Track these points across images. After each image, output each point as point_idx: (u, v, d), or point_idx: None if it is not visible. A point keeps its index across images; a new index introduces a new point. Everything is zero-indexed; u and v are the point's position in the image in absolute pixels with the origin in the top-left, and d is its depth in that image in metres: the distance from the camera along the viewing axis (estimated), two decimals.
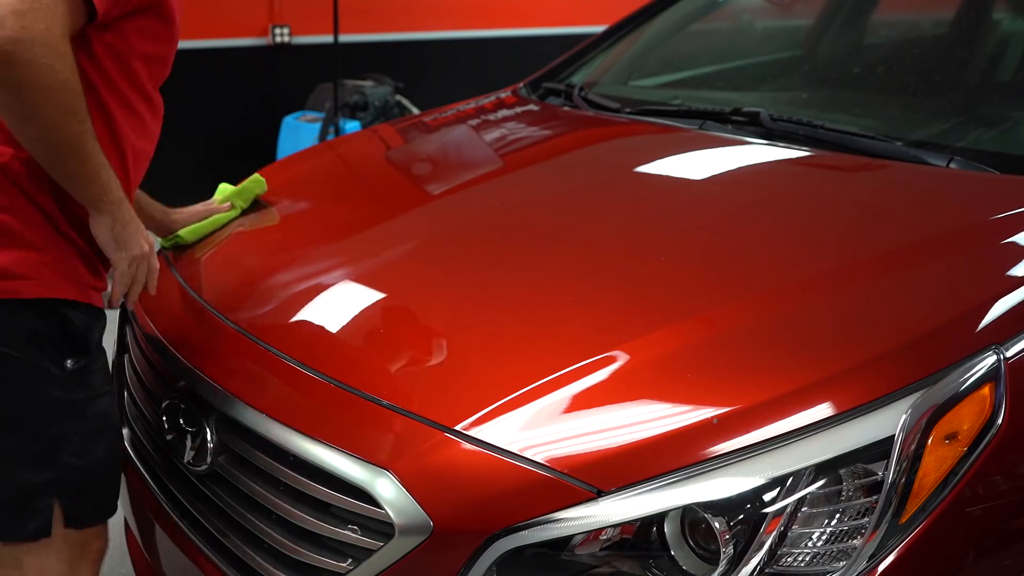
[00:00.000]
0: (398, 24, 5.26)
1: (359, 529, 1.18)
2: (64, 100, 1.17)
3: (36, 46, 1.11)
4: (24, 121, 1.18)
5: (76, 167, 1.23)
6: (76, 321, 1.31)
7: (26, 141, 1.21)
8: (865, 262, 1.38)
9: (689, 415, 1.12)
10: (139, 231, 1.36)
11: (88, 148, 1.22)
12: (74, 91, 1.18)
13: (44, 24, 1.12)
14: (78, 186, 1.26)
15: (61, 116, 1.17)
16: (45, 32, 1.12)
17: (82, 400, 1.32)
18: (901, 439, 1.08)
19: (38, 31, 1.11)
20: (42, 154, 1.22)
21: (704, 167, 1.83)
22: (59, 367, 1.29)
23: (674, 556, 1.09)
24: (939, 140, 1.85)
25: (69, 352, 1.31)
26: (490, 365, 1.26)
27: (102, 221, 1.30)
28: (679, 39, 2.69)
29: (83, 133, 1.21)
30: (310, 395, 1.30)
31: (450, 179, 1.96)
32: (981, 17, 2.44)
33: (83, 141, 1.21)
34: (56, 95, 1.15)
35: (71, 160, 1.22)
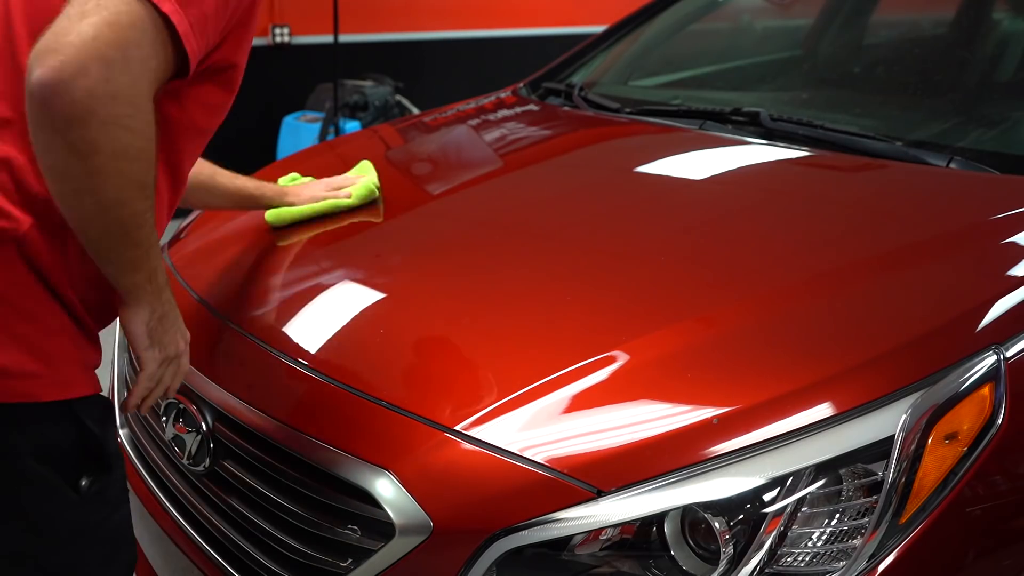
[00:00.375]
0: (398, 24, 5.26)
1: (359, 529, 1.18)
2: (136, 171, 0.95)
3: (120, 103, 0.90)
4: (82, 192, 0.94)
5: (129, 250, 1.01)
6: (92, 424, 1.10)
7: (76, 217, 0.97)
8: (865, 262, 1.38)
9: (689, 415, 1.12)
10: (176, 325, 1.16)
11: (147, 229, 1.01)
12: (148, 160, 0.96)
13: (132, 78, 0.91)
14: (122, 272, 1.04)
15: (129, 190, 0.95)
16: (131, 87, 0.91)
17: (99, 521, 1.13)
18: (901, 439, 1.08)
19: (124, 85, 0.91)
20: (93, 233, 0.98)
21: (704, 167, 1.83)
22: (74, 487, 1.08)
23: (674, 556, 1.09)
24: (939, 140, 1.85)
25: (86, 468, 1.10)
26: (490, 365, 1.26)
27: (138, 313, 1.09)
28: (679, 39, 2.69)
29: (146, 211, 0.99)
30: (310, 395, 1.30)
31: (450, 179, 1.96)
32: (981, 17, 2.44)
33: (143, 221, 0.99)
34: (130, 164, 0.94)
35: (125, 242, 1.00)
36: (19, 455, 1.03)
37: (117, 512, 1.17)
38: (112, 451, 1.14)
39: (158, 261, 1.07)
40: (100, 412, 1.12)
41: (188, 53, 0.97)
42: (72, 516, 1.09)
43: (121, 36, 0.90)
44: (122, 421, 1.68)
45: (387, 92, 4.73)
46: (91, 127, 0.89)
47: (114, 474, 1.15)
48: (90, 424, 1.09)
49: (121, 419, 1.68)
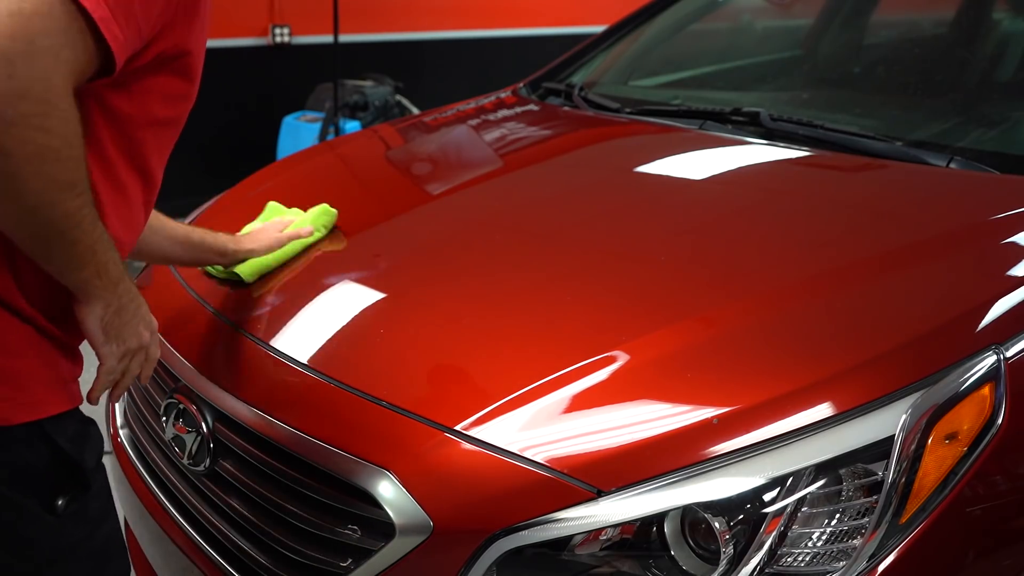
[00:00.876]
0: (398, 24, 5.26)
1: (359, 529, 1.18)
2: (59, 172, 0.88)
3: (28, 102, 0.83)
4: (4, 198, 0.87)
5: (66, 249, 0.94)
6: (66, 443, 1.05)
7: (5, 222, 0.91)
8: (865, 262, 1.38)
9: (689, 415, 1.12)
10: (137, 316, 1.10)
11: (85, 226, 0.94)
12: (73, 158, 0.89)
13: (41, 72, 0.83)
14: (66, 271, 0.98)
15: (54, 191, 0.89)
16: (41, 83, 0.83)
17: (79, 540, 1.09)
18: (901, 439, 1.08)
19: (31, 81, 0.82)
20: (23, 237, 0.93)
21: (704, 167, 1.83)
22: (49, 509, 1.03)
23: (674, 556, 1.09)
24: (939, 140, 1.85)
25: (61, 488, 1.05)
26: (490, 365, 1.27)
27: (91, 309, 1.03)
28: (679, 39, 2.70)
29: (80, 208, 0.92)
30: (310, 395, 1.30)
31: (450, 179, 1.96)
32: (981, 17, 2.44)
33: (79, 219, 0.93)
34: (47, 165, 0.86)
35: (61, 242, 0.93)
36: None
37: (100, 527, 1.13)
38: (90, 467, 1.09)
39: (107, 255, 1.00)
40: (75, 428, 1.08)
41: (109, 41, 0.88)
42: (51, 537, 1.05)
43: (24, 26, 0.82)
44: (122, 422, 1.68)
45: (387, 92, 4.73)
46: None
47: (93, 490, 1.10)
48: (62, 443, 1.05)
49: (121, 420, 1.68)
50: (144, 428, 1.58)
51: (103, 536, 1.14)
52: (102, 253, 0.99)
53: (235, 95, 4.72)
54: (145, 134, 1.06)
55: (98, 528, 1.13)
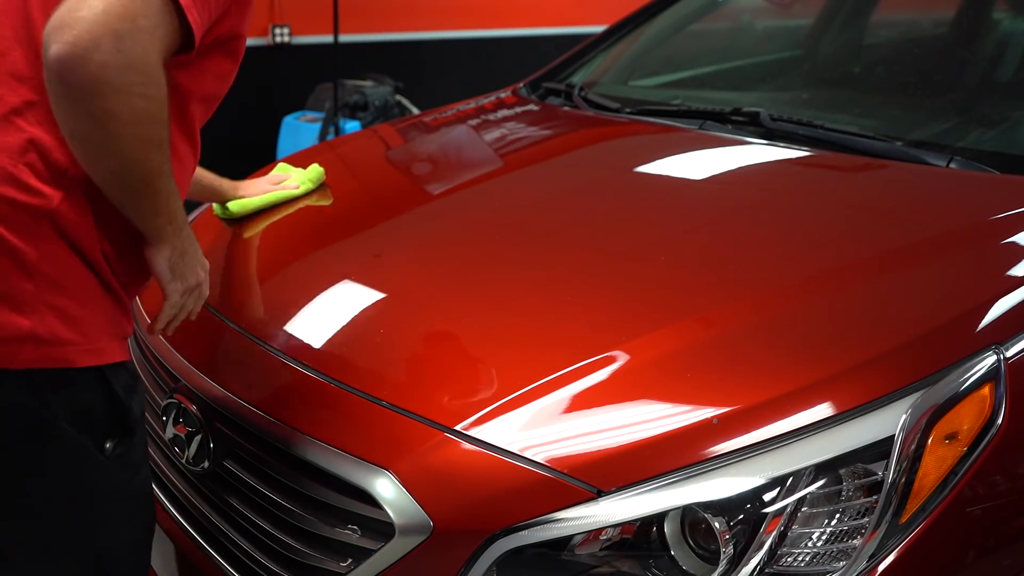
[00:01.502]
0: (398, 24, 5.26)
1: (359, 529, 1.18)
2: (151, 132, 1.03)
3: (132, 72, 0.96)
4: (104, 154, 1.02)
5: (151, 199, 1.09)
6: (120, 389, 1.16)
7: (100, 176, 1.05)
8: (865, 262, 1.38)
9: (689, 415, 1.12)
10: (196, 258, 1.24)
11: (163, 180, 1.08)
12: (163, 121, 1.04)
13: (143, 47, 0.97)
14: (146, 218, 1.12)
15: (146, 148, 1.03)
16: (143, 57, 0.97)
17: (123, 482, 1.19)
18: (901, 439, 1.08)
19: (136, 55, 0.96)
20: (117, 188, 1.07)
21: (704, 167, 1.83)
22: (100, 450, 1.15)
23: (674, 556, 1.09)
24: (939, 140, 1.85)
25: (112, 432, 1.16)
26: (490, 365, 1.27)
27: (160, 251, 1.16)
28: (679, 39, 2.69)
29: (163, 164, 1.07)
30: (310, 395, 1.30)
31: (450, 179, 1.96)
32: (981, 17, 2.44)
33: (162, 172, 1.08)
34: (145, 127, 1.01)
35: (146, 193, 1.08)
36: (55, 418, 1.10)
37: (139, 473, 1.23)
38: (136, 416, 1.20)
39: (177, 204, 1.14)
40: (127, 379, 1.18)
41: (191, 23, 1.03)
42: (98, 477, 1.16)
43: (129, 7, 0.96)
44: None
45: (387, 92, 4.73)
46: (107, 97, 0.96)
47: (136, 438, 1.21)
48: (118, 390, 1.16)
49: None
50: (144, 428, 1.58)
51: (140, 483, 1.24)
52: (174, 203, 1.14)
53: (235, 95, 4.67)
54: (196, 107, 1.21)
55: (137, 474, 1.23)
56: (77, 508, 1.16)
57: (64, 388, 1.10)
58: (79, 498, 1.15)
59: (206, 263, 1.28)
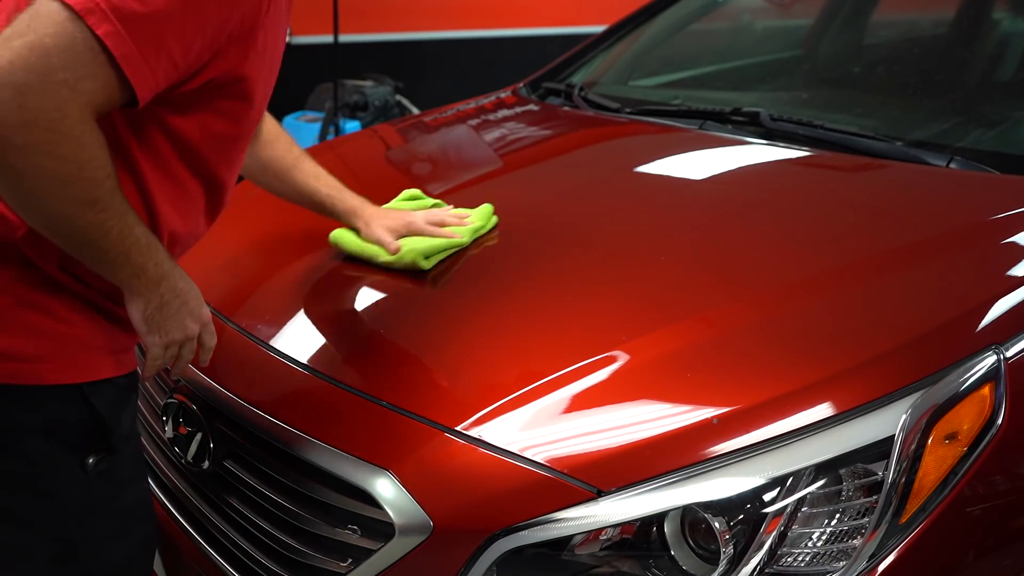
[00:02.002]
0: (398, 24, 5.26)
1: (359, 529, 1.18)
2: (73, 192, 0.93)
3: (37, 130, 0.87)
4: (28, 211, 0.96)
5: (98, 255, 1.01)
6: (103, 406, 1.11)
7: (35, 227, 0.99)
8: (865, 262, 1.38)
9: (689, 415, 1.12)
10: (184, 309, 1.13)
11: (111, 237, 0.99)
12: (88, 180, 0.94)
13: (53, 103, 0.87)
14: (103, 272, 1.05)
15: (71, 207, 0.94)
16: (52, 114, 0.88)
17: (107, 499, 1.15)
18: (901, 439, 1.08)
19: (43, 112, 0.87)
20: (57, 240, 1.00)
21: (704, 167, 1.83)
22: (80, 466, 1.11)
23: (674, 556, 1.09)
24: (939, 140, 1.85)
25: (93, 447, 1.12)
26: (490, 365, 1.26)
27: (134, 303, 1.09)
28: (679, 39, 2.70)
29: (104, 222, 0.97)
30: (310, 395, 1.30)
31: (449, 179, 1.96)
32: (981, 17, 2.44)
33: (105, 230, 0.98)
34: (61, 185, 0.92)
35: (90, 249, 1.00)
36: (26, 433, 1.07)
37: (128, 491, 1.19)
38: (123, 433, 1.16)
39: (143, 258, 1.04)
40: (114, 395, 1.14)
41: (130, 77, 0.91)
42: (80, 491, 1.12)
43: (42, 60, 0.86)
44: None
45: (387, 92, 4.73)
46: (7, 155, 0.88)
47: (121, 455, 1.16)
48: (99, 407, 1.11)
49: None
50: (144, 428, 1.58)
51: (131, 499, 1.20)
52: (137, 257, 1.03)
53: None
54: (210, 151, 1.12)
55: (125, 491, 1.18)
56: (58, 522, 1.12)
57: (36, 403, 1.06)
58: (58, 512, 1.11)
59: (203, 314, 1.18)
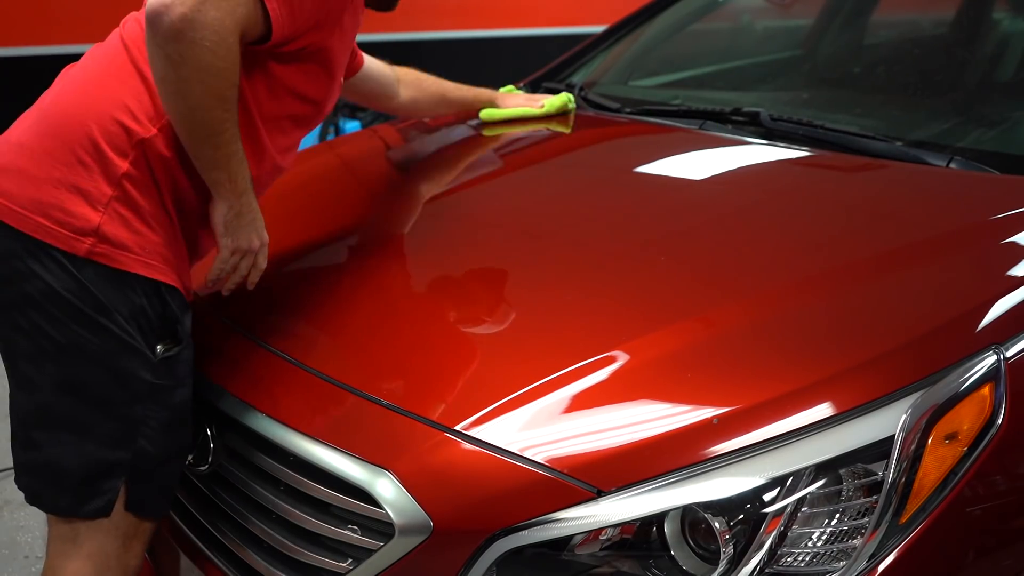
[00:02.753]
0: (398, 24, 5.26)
1: (359, 529, 1.18)
2: (216, 85, 1.21)
3: (206, 29, 1.17)
4: (176, 95, 1.22)
5: (211, 150, 1.26)
6: (176, 307, 1.32)
7: (172, 115, 1.25)
8: (865, 262, 1.38)
9: (689, 415, 1.12)
10: (253, 225, 1.37)
11: (226, 136, 1.26)
12: (228, 80, 1.22)
13: (220, 13, 1.17)
14: (208, 168, 1.28)
15: (210, 99, 1.21)
16: (217, 20, 1.17)
17: (167, 387, 1.31)
18: (901, 439, 1.08)
19: (212, 17, 1.17)
20: (184, 130, 1.25)
21: (704, 167, 1.83)
22: (152, 350, 1.29)
23: (674, 556, 1.09)
24: (939, 140, 1.85)
25: (163, 337, 1.32)
26: (490, 365, 1.27)
27: (219, 206, 1.33)
28: (679, 39, 2.70)
29: (225, 120, 1.24)
30: (310, 395, 1.30)
31: (449, 179, 1.96)
32: (981, 17, 2.44)
33: (223, 128, 1.25)
34: (211, 78, 1.20)
35: (208, 142, 1.25)
36: (115, 311, 1.25)
37: (182, 387, 1.34)
38: (186, 333, 1.35)
39: (239, 168, 1.30)
40: (181, 301, 1.35)
41: (270, 13, 1.23)
42: (147, 375, 1.29)
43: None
44: None
45: None
46: (182, 43, 1.16)
47: (183, 351, 1.34)
48: (173, 305, 1.32)
49: None
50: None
51: (180, 398, 1.35)
52: (236, 164, 1.30)
53: None
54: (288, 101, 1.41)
55: (180, 386, 1.34)
56: (125, 401, 1.28)
57: (124, 287, 1.26)
58: (128, 391, 1.28)
59: (265, 236, 1.40)
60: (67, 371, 1.26)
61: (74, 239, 1.23)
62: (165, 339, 1.32)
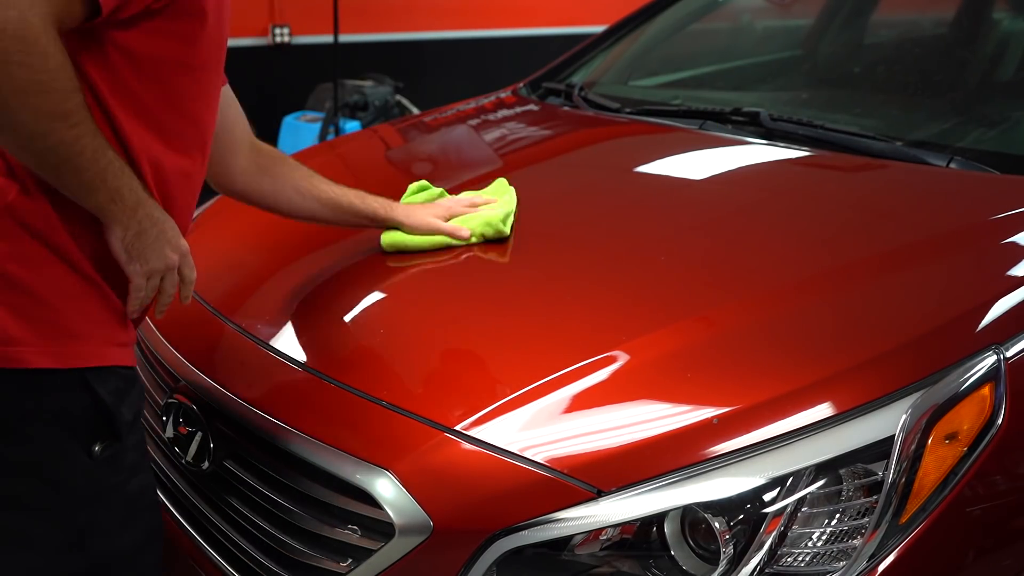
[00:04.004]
0: (398, 24, 5.26)
1: (359, 529, 1.18)
2: (45, 104, 0.95)
3: (5, 39, 0.89)
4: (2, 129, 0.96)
5: (73, 176, 1.02)
6: (106, 394, 1.11)
7: (11, 150, 1.01)
8: (865, 262, 1.38)
9: (689, 415, 1.12)
10: (160, 240, 1.13)
11: (86, 155, 1.00)
12: (59, 91, 0.95)
13: (17, 11, 0.90)
14: (80, 196, 1.05)
15: (43, 121, 0.96)
16: (17, 21, 0.90)
17: (113, 485, 1.15)
18: (901, 439, 1.08)
19: (7, 22, 0.89)
20: (32, 163, 1.01)
21: (704, 167, 1.83)
22: (86, 452, 1.11)
23: (674, 556, 1.09)
24: (939, 140, 1.85)
25: (98, 435, 1.12)
26: (490, 365, 1.27)
27: (114, 230, 1.09)
28: (679, 39, 2.69)
29: (77, 138, 0.99)
30: (310, 395, 1.30)
31: (449, 179, 1.96)
32: (981, 17, 2.44)
33: (78, 148, 0.99)
34: (34, 97, 0.93)
35: (66, 169, 1.01)
36: (32, 418, 1.07)
37: (134, 478, 1.19)
38: (125, 420, 1.15)
39: (118, 182, 1.05)
40: (117, 383, 1.14)
41: None
42: (87, 478, 1.12)
43: None
44: None
45: (387, 92, 4.73)
46: None
47: (126, 442, 1.16)
48: (103, 394, 1.11)
49: None
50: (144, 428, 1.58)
51: (136, 487, 1.19)
52: (112, 180, 1.04)
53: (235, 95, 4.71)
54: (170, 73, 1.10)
55: (132, 478, 1.18)
56: (66, 510, 1.12)
57: (43, 391, 1.06)
58: (66, 500, 1.12)
59: (180, 244, 1.18)
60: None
61: None
62: (101, 437, 1.12)
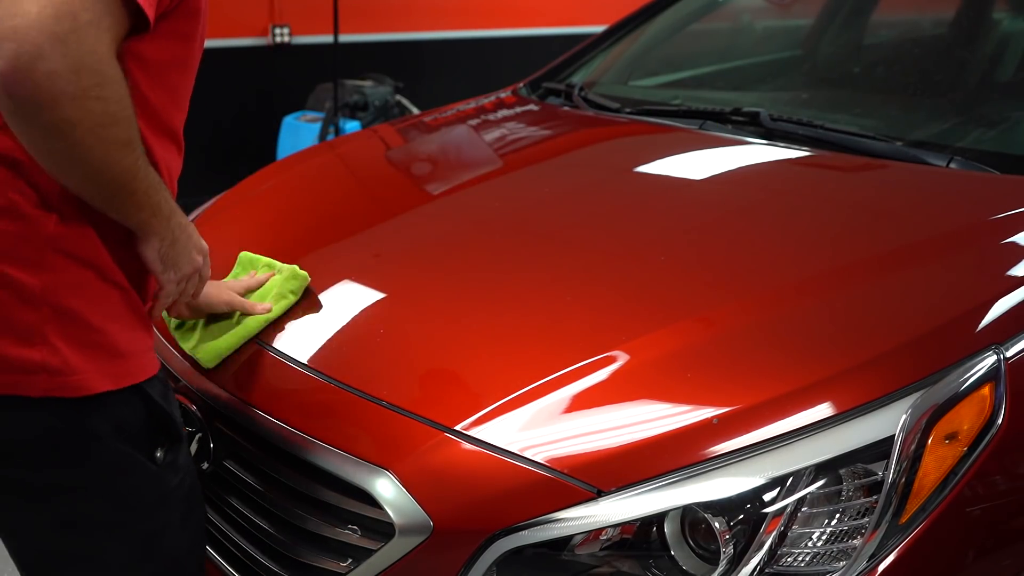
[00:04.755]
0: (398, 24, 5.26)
1: (359, 529, 1.18)
2: (116, 133, 0.96)
3: (84, 75, 0.89)
4: (70, 164, 0.96)
5: (127, 199, 1.04)
6: (157, 398, 1.14)
7: (70, 183, 1.00)
8: (865, 262, 1.38)
9: (689, 415, 1.12)
10: (189, 244, 1.18)
11: (140, 176, 1.03)
12: (127, 119, 0.97)
13: (89, 45, 0.89)
14: (127, 215, 1.06)
15: (113, 151, 0.97)
16: (92, 55, 0.90)
17: (175, 486, 1.18)
18: (901, 439, 1.08)
19: (84, 55, 0.89)
20: (90, 194, 1.02)
21: (704, 167, 1.83)
22: (151, 459, 1.14)
23: (674, 556, 1.09)
24: (939, 140, 1.85)
25: (158, 440, 1.15)
26: (490, 365, 1.27)
27: (150, 243, 1.11)
28: (679, 39, 2.69)
29: (135, 162, 1.01)
30: (310, 395, 1.30)
31: (450, 179, 1.96)
32: (981, 17, 2.44)
33: (135, 171, 1.02)
34: (108, 129, 0.95)
35: (122, 193, 1.02)
36: (101, 437, 1.08)
37: (189, 475, 1.23)
38: (178, 420, 1.19)
39: (159, 195, 1.08)
40: (161, 387, 1.16)
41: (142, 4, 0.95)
42: (154, 485, 1.15)
43: (66, 4, 0.88)
44: None
45: (387, 92, 4.72)
46: (62, 106, 0.90)
47: (183, 442, 1.21)
48: (157, 400, 1.14)
49: None
50: None
51: (189, 484, 1.23)
52: (155, 195, 1.07)
53: (235, 95, 4.72)
54: (176, 76, 1.13)
55: (188, 475, 1.22)
56: (136, 520, 1.14)
57: (104, 409, 1.07)
58: (136, 510, 1.14)
59: (203, 246, 1.22)
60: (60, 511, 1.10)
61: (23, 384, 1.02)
62: (161, 441, 1.15)
